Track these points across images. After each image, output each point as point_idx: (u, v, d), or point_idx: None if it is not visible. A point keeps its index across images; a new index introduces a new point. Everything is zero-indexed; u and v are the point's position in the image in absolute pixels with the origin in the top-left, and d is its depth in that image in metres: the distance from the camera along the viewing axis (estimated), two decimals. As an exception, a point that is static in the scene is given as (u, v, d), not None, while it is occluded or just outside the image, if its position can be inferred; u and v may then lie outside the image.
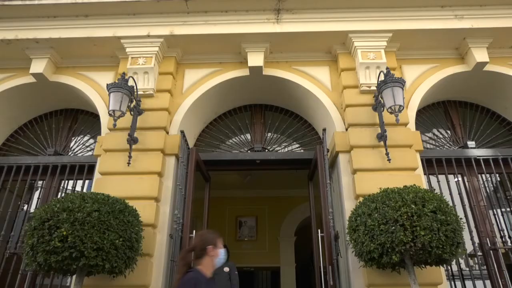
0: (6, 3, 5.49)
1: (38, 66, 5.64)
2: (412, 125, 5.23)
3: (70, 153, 6.05)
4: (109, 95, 4.64)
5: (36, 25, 5.57)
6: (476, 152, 5.54)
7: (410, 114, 5.28)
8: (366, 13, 5.42)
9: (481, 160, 5.43)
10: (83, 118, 6.35)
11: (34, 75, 5.66)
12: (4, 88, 5.79)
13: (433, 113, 6.14)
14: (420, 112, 5.89)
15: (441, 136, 5.97)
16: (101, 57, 5.85)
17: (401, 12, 5.43)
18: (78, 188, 5.51)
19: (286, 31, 5.37)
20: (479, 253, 4.91)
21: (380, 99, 4.81)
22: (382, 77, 4.78)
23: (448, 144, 5.89)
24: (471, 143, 5.75)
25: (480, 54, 5.46)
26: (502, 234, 5.06)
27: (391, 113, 4.60)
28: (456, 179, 5.44)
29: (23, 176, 5.59)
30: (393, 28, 5.38)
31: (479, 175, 5.47)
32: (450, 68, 5.66)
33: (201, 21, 5.45)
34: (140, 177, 4.77)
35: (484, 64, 5.47)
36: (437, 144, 5.89)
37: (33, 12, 5.52)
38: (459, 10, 5.41)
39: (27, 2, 5.48)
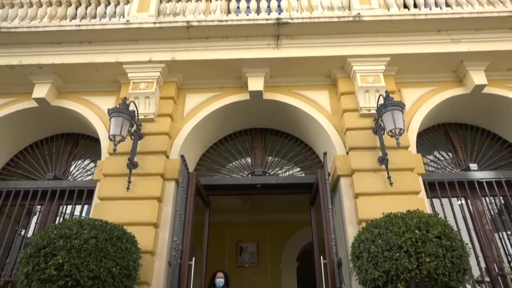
0: (12, 30, 5.60)
1: (41, 91, 5.69)
2: (413, 148, 5.21)
3: (69, 178, 6.01)
4: (110, 120, 4.65)
5: (40, 51, 5.67)
6: (479, 174, 5.49)
7: (411, 137, 5.27)
8: (364, 38, 5.51)
9: (484, 183, 5.37)
10: (83, 143, 6.35)
11: (36, 99, 5.71)
12: (6, 113, 5.83)
13: (433, 135, 6.13)
14: (421, 135, 5.88)
15: (442, 158, 5.94)
16: (103, 82, 5.91)
17: (398, 37, 5.52)
18: (77, 213, 5.44)
19: (285, 56, 5.45)
20: (487, 279, 4.77)
21: (380, 122, 4.81)
22: (381, 101, 4.80)
23: (450, 167, 5.85)
24: (473, 166, 5.71)
25: (478, 77, 5.50)
26: (509, 259, 4.94)
27: (391, 136, 4.59)
28: (459, 202, 5.37)
29: (21, 200, 5.53)
30: (390, 53, 5.45)
31: (483, 198, 5.39)
32: (449, 91, 5.70)
33: (202, 47, 5.53)
34: (139, 202, 4.71)
35: (482, 86, 5.51)
36: (438, 166, 5.85)
37: (37, 38, 5.62)
38: (455, 34, 5.50)
39: (32, 29, 5.59)
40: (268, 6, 5.84)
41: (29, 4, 6.09)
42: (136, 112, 4.96)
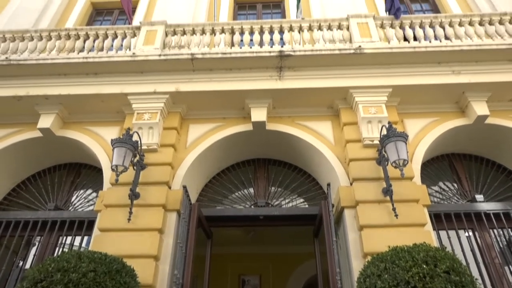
0: (21, 62, 5.74)
1: (46, 121, 5.75)
2: (417, 178, 5.15)
3: (70, 208, 5.96)
4: (113, 150, 4.66)
5: (47, 82, 5.78)
6: (486, 206, 5.39)
7: (415, 167, 5.23)
8: (365, 69, 5.59)
9: (492, 215, 5.27)
10: (86, 173, 6.34)
11: (41, 130, 5.76)
12: (10, 142, 5.86)
13: (438, 166, 6.09)
14: (425, 165, 5.84)
15: (447, 189, 5.87)
16: (108, 113, 5.97)
17: (399, 69, 5.60)
18: (76, 243, 5.35)
19: (288, 87, 5.52)
20: (499, 317, 4.58)
21: (383, 153, 4.79)
22: (384, 132, 4.80)
23: (455, 198, 5.76)
24: (479, 197, 5.62)
25: (480, 107, 5.53)
26: (521, 295, 4.76)
27: (395, 167, 4.55)
28: (466, 234, 5.25)
29: (21, 231, 5.46)
30: (392, 84, 5.51)
31: (491, 230, 5.27)
32: (451, 122, 5.71)
33: (206, 79, 5.63)
34: (140, 234, 4.63)
35: (485, 117, 5.52)
36: (444, 197, 5.76)
37: (45, 70, 5.75)
38: (456, 66, 5.57)
39: (40, 61, 5.73)
40: (271, 39, 5.98)
41: (39, 38, 6.26)
42: (139, 142, 4.98)
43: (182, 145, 5.68)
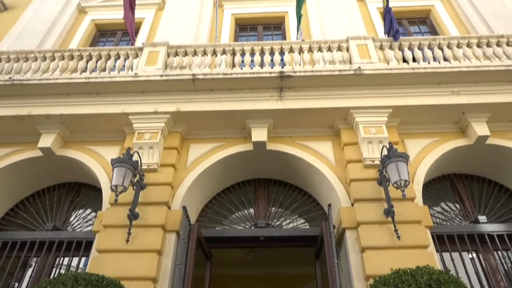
0: (24, 82, 5.80)
1: (47, 140, 5.76)
2: (419, 199, 5.11)
3: (69, 228, 5.90)
4: (113, 170, 4.65)
5: (49, 101, 5.82)
6: (489, 227, 5.33)
7: (417, 188, 5.19)
8: (365, 90, 5.63)
9: (495, 236, 5.19)
10: (85, 192, 6.30)
11: (41, 149, 5.76)
12: (10, 162, 5.86)
13: (439, 186, 6.04)
14: (426, 186, 5.80)
15: (449, 210, 5.81)
16: (109, 132, 5.98)
17: (399, 89, 5.64)
18: (74, 264, 5.26)
19: (288, 107, 5.55)
20: None
21: (385, 173, 4.77)
22: (385, 152, 4.79)
23: (458, 219, 5.70)
24: (482, 218, 5.55)
25: (480, 128, 5.53)
26: (528, 320, 4.63)
27: (397, 188, 4.52)
28: (470, 256, 5.16)
29: (17, 252, 5.39)
30: (392, 104, 5.54)
31: (495, 252, 5.18)
32: (452, 142, 5.70)
33: (207, 99, 5.66)
34: (138, 256, 4.56)
35: (485, 137, 5.52)
36: (446, 218, 5.70)
37: (48, 89, 5.80)
38: (455, 86, 5.61)
39: (43, 81, 5.79)
40: (272, 60, 6.05)
41: (42, 58, 6.35)
42: (139, 162, 4.97)
43: (183, 165, 5.66)
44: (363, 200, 4.92)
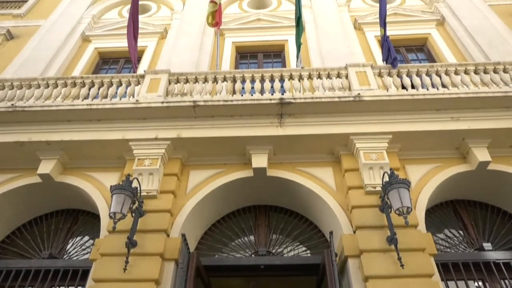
0: (26, 108, 5.85)
1: (46, 167, 5.74)
2: (422, 226, 5.03)
3: (65, 256, 5.78)
4: (111, 196, 4.61)
5: (49, 128, 5.84)
6: (494, 255, 5.22)
7: (419, 215, 5.12)
8: (365, 116, 5.66)
9: (501, 264, 5.07)
10: (83, 219, 6.23)
11: (40, 175, 5.74)
12: (8, 188, 5.82)
13: (442, 213, 5.97)
14: (429, 212, 5.72)
15: (453, 236, 5.71)
16: (108, 159, 5.97)
17: (398, 115, 5.67)
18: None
19: (288, 134, 5.57)
20: None
21: (386, 200, 4.72)
22: (386, 178, 4.76)
23: (462, 246, 5.59)
24: (487, 245, 5.44)
25: (481, 154, 5.52)
26: None
27: (399, 215, 4.46)
28: (476, 285, 5.02)
29: (11, 281, 5.26)
30: (392, 130, 5.56)
31: (502, 281, 5.04)
32: (453, 168, 5.68)
33: (207, 125, 5.69)
34: (135, 285, 4.45)
35: (487, 163, 5.50)
36: (450, 245, 5.60)
37: (49, 116, 5.84)
38: (454, 113, 5.64)
39: (45, 108, 5.84)
40: (272, 87, 6.12)
41: (45, 85, 6.42)
42: (139, 189, 4.93)
43: (182, 191, 5.62)
44: (365, 227, 4.84)
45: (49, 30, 9.88)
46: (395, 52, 6.70)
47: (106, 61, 9.51)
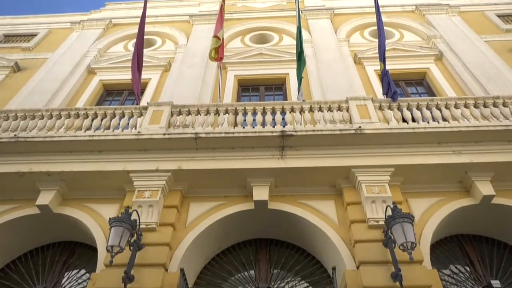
0: (29, 139, 5.88)
1: (45, 198, 5.69)
2: (427, 262, 4.90)
3: (59, 291, 5.61)
4: (110, 229, 4.54)
5: (50, 159, 5.86)
6: (504, 293, 5.04)
7: (424, 250, 5.00)
8: (366, 149, 5.67)
9: (512, 304, 4.89)
10: (80, 252, 6.09)
11: (39, 206, 5.68)
12: (5, 219, 5.74)
13: (447, 248, 5.83)
14: (434, 247, 5.58)
15: (459, 273, 5.55)
16: (108, 190, 5.93)
17: (400, 148, 5.68)
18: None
19: (290, 166, 5.56)
20: None
21: (390, 234, 4.62)
22: (389, 212, 4.69)
23: (469, 283, 5.42)
24: (495, 282, 5.27)
25: (485, 187, 5.47)
26: None
27: (403, 250, 4.36)
28: (488, 325, 4.83)
29: (0, 319, 5.07)
30: (394, 163, 5.55)
31: (515, 322, 4.85)
32: (457, 201, 5.62)
33: (208, 157, 5.69)
34: (130, 325, 4.28)
35: (491, 197, 5.44)
36: (456, 281, 5.44)
37: (50, 147, 5.87)
38: (456, 146, 5.65)
39: (47, 139, 5.89)
40: (273, 119, 6.17)
41: (49, 116, 6.49)
42: (138, 221, 4.86)
43: (182, 224, 5.53)
44: (368, 263, 4.72)
45: (56, 62, 10.14)
46: (395, 86, 6.80)
47: (110, 93, 9.67)
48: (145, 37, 8.88)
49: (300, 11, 9.63)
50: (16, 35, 12.26)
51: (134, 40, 8.94)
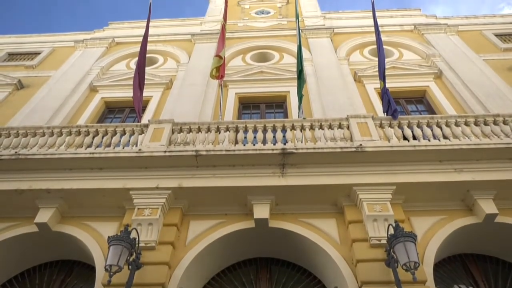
0: (29, 156, 5.88)
1: (44, 215, 5.65)
2: (430, 282, 4.81)
3: (55, 313, 5.50)
4: (109, 248, 4.49)
5: (50, 176, 5.84)
6: (509, 315, 4.92)
7: (427, 270, 4.92)
8: (367, 167, 5.65)
9: (519, 327, 4.77)
10: (78, 271, 6.00)
11: (38, 224, 5.63)
12: (2, 238, 5.67)
13: (451, 268, 5.73)
14: (437, 267, 5.50)
15: (464, 293, 5.43)
16: (108, 208, 5.89)
17: (401, 166, 5.66)
18: None
19: (291, 184, 5.53)
20: None
21: (392, 254, 4.55)
22: (391, 231, 4.63)
23: (475, 304, 5.30)
24: (500, 303, 5.16)
25: (487, 206, 5.42)
26: None
27: (406, 270, 4.28)
28: None
29: None
30: (395, 181, 5.52)
31: None
32: (459, 220, 5.55)
33: (209, 175, 5.68)
34: None
35: (494, 216, 5.38)
36: (460, 302, 5.31)
37: (51, 164, 5.86)
38: (457, 164, 5.63)
39: (48, 156, 5.89)
40: (274, 137, 6.18)
41: (50, 134, 6.50)
42: (137, 239, 4.80)
43: (182, 242, 5.47)
44: (371, 283, 4.65)
45: (58, 80, 10.25)
46: (395, 103, 6.83)
47: (111, 110, 9.72)
48: (147, 55, 8.99)
49: (300, 30, 9.78)
50: (20, 53, 12.44)
51: (136, 59, 9.05)
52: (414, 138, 6.04)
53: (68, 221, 5.86)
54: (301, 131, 6.23)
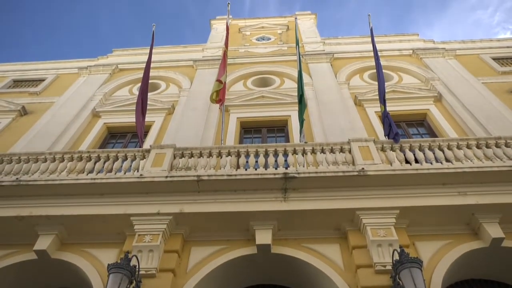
0: (30, 183, 5.87)
1: (44, 242, 5.58)
2: (439, 311, 4.67)
3: None
4: (108, 276, 4.40)
5: (50, 202, 5.81)
6: None
7: (434, 297, 4.78)
8: (370, 191, 5.61)
9: None
10: (77, 300, 5.86)
11: (36, 252, 5.55)
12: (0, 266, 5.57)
13: (459, 294, 5.58)
14: (445, 293, 5.36)
15: (474, 322, 5.26)
16: (108, 234, 5.82)
17: (404, 190, 5.62)
18: None
19: (293, 209, 5.48)
20: None
21: (398, 280, 4.45)
22: (396, 256, 4.54)
23: (485, 333, 5.12)
24: (510, 331, 4.99)
25: (493, 230, 5.33)
26: None
27: (413, 298, 4.17)
28: None
29: None
30: (398, 205, 5.46)
31: None
32: (466, 245, 5.45)
33: (211, 200, 5.64)
34: None
35: (500, 239, 5.28)
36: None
37: (52, 190, 5.84)
38: (461, 187, 5.58)
39: (49, 182, 5.88)
40: (276, 161, 6.17)
41: (52, 159, 6.51)
42: (137, 267, 4.71)
43: (183, 269, 5.37)
44: (377, 311, 4.50)
45: (61, 106, 10.36)
46: (396, 127, 6.85)
47: (113, 135, 9.77)
48: (150, 81, 9.11)
49: (300, 56, 9.94)
50: (25, 80, 12.65)
51: (139, 84, 9.18)
52: (416, 161, 6.02)
53: (68, 248, 5.78)
54: (303, 155, 6.22)
